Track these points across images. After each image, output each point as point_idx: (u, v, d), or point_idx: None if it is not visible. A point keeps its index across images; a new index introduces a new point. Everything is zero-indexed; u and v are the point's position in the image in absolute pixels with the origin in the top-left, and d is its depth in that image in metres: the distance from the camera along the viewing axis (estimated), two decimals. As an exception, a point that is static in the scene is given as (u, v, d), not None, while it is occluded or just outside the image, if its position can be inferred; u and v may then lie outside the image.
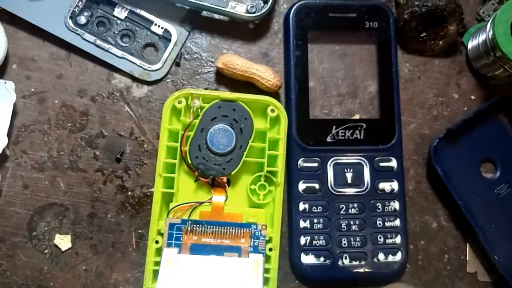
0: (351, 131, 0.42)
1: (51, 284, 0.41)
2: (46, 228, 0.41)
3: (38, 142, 0.42)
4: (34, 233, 0.41)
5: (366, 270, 0.41)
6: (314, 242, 0.41)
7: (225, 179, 0.40)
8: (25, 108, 0.42)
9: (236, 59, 0.42)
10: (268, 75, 0.42)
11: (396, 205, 0.42)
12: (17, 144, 0.42)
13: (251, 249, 0.38)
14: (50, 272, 0.41)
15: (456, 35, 0.44)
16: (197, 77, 0.44)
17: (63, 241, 0.41)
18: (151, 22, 0.44)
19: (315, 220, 0.41)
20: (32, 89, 0.43)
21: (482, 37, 0.43)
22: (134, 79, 0.43)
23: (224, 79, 0.44)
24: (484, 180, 0.43)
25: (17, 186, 0.41)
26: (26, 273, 0.41)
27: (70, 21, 0.43)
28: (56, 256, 0.41)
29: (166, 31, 0.44)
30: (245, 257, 0.38)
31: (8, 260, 0.41)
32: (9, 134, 0.41)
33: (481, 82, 0.45)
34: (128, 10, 0.44)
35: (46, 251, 0.41)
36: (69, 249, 0.41)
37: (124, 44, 0.43)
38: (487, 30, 0.41)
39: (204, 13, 0.44)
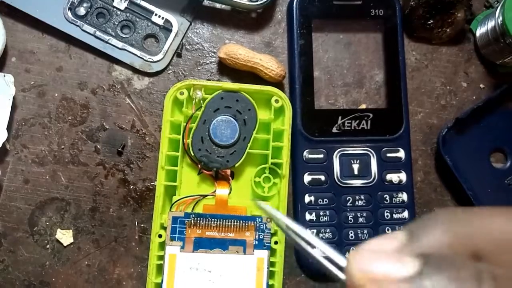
0: (357, 121, 0.41)
1: (53, 279, 0.40)
2: (47, 223, 0.41)
3: (39, 136, 0.41)
4: (36, 228, 0.41)
5: (374, 263, 0.40)
6: (320, 235, 0.40)
7: (228, 171, 0.40)
8: (25, 102, 0.42)
9: (239, 48, 0.41)
10: (271, 65, 0.41)
11: (404, 196, 0.41)
12: (17, 138, 0.41)
13: (256, 242, 0.38)
14: (52, 268, 0.40)
15: (464, 22, 0.43)
16: (199, 68, 0.43)
17: (65, 236, 0.40)
18: (152, 13, 0.43)
19: (321, 213, 0.40)
20: (32, 82, 0.42)
21: (491, 24, 0.42)
22: (135, 70, 0.42)
23: (227, 69, 0.43)
24: (494, 170, 0.42)
25: (17, 181, 0.41)
26: (28, 269, 0.40)
27: (69, 13, 0.42)
28: (58, 251, 0.40)
29: (167, 21, 0.43)
30: (249, 254, 0.38)
31: (10, 255, 0.40)
32: (9, 128, 0.40)
33: (490, 70, 0.44)
34: (128, 1, 0.43)
35: (48, 246, 0.40)
36: (71, 244, 0.40)
37: (124, 35, 0.43)
38: (496, 16, 0.40)
39: (206, 2, 0.43)
